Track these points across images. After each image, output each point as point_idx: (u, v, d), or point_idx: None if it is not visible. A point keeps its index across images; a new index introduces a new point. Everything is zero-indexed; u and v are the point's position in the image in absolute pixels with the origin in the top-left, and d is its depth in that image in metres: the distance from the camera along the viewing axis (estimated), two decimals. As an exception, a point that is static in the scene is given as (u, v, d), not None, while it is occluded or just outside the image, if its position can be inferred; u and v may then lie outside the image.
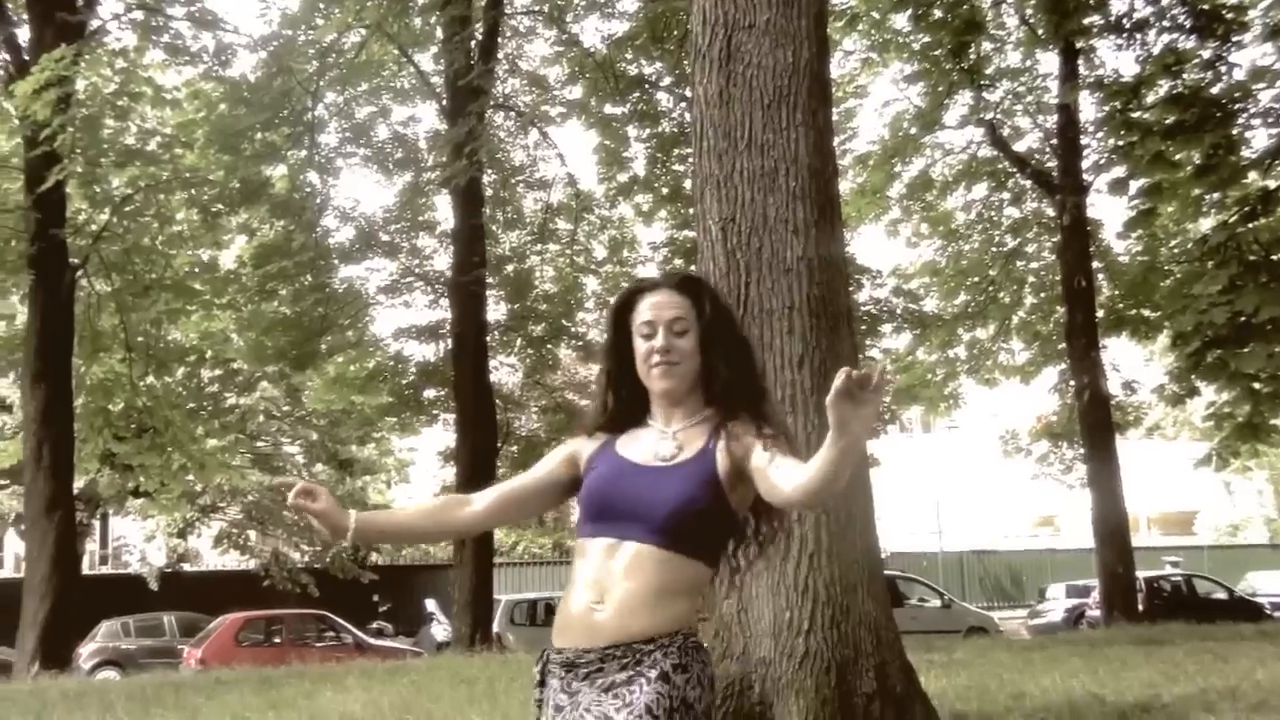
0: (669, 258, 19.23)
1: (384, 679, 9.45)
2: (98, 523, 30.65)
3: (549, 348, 22.00)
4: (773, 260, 5.28)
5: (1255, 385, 13.86)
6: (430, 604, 23.84)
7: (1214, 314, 13.12)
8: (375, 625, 24.22)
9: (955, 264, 21.76)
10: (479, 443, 17.98)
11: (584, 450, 2.50)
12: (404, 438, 27.19)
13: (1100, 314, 19.20)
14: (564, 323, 21.28)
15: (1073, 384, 19.39)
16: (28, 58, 15.77)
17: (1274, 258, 13.65)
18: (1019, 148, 20.07)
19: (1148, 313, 19.12)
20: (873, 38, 19.17)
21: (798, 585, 4.96)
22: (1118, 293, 20.29)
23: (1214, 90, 14.06)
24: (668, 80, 18.09)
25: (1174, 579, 23.11)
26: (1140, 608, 18.60)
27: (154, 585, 25.99)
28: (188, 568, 29.96)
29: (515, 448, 21.93)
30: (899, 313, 20.37)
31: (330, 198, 19.25)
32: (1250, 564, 29.28)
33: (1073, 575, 27.00)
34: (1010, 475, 29.10)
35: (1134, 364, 24.16)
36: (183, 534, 28.77)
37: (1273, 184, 14.12)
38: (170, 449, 19.17)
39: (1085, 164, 18.36)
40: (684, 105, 16.70)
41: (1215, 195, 14.77)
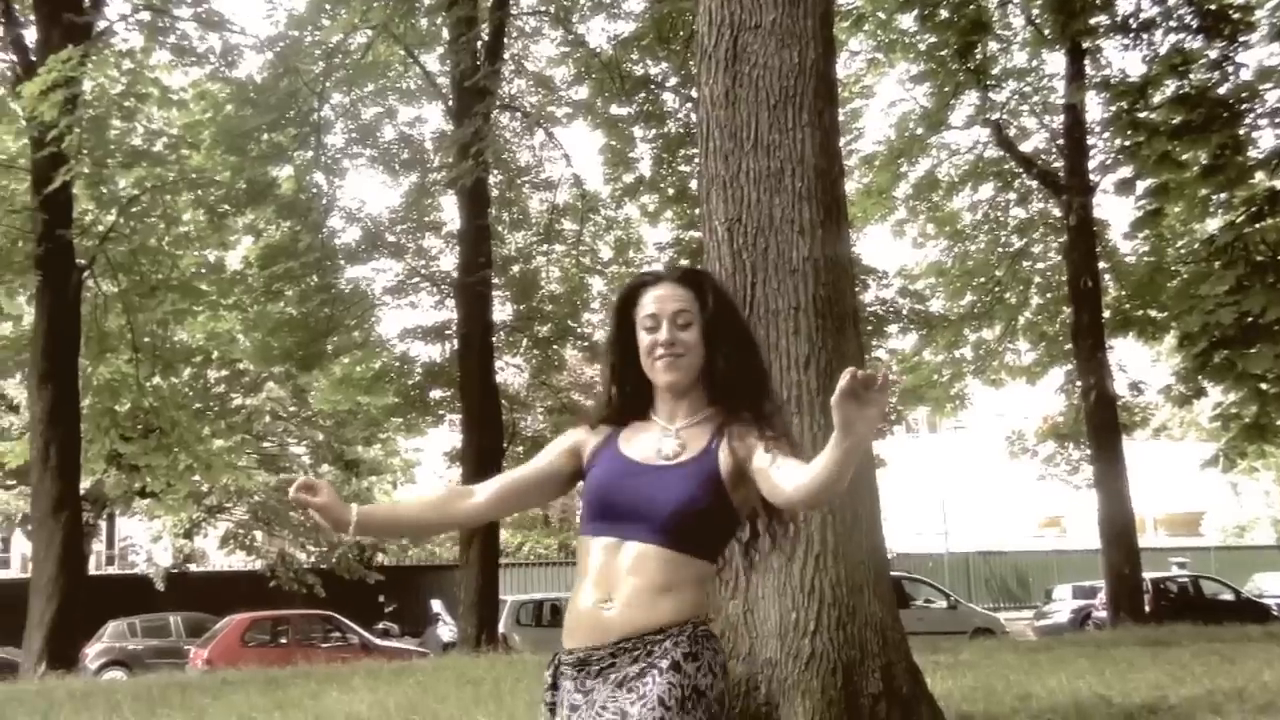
0: (675, 258, 19.14)
1: (390, 679, 9.45)
2: (104, 523, 30.76)
3: (555, 348, 21.99)
4: (779, 261, 5.27)
5: (1262, 386, 13.80)
6: (436, 605, 23.87)
7: (1221, 314, 13.10)
8: (381, 626, 24.17)
9: (961, 264, 21.73)
10: (484, 443, 17.97)
11: (587, 443, 2.49)
12: (410, 438, 27.20)
13: (1107, 314, 19.14)
14: (570, 323, 21.25)
15: (1079, 384, 19.36)
16: (35, 59, 15.80)
17: (1281, 258, 13.64)
18: (1025, 148, 20.07)
19: (1154, 313, 19.02)
20: (879, 38, 19.17)
21: (804, 586, 4.95)
22: (1124, 293, 20.21)
23: (1221, 90, 14.03)
24: (674, 81, 18.04)
25: (1180, 580, 23.04)
26: (1147, 609, 18.56)
27: (160, 585, 26.09)
28: (194, 568, 29.95)
29: (521, 448, 21.87)
30: (905, 313, 20.31)
31: (336, 198, 19.24)
32: (1257, 565, 29.14)
33: (1079, 576, 26.95)
34: (1016, 476, 29.00)
35: (1141, 364, 24.19)
36: (189, 534, 28.80)
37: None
38: (176, 449, 19.23)
39: (1092, 164, 18.33)
40: (690, 106, 16.66)
41: (1222, 195, 14.76)
